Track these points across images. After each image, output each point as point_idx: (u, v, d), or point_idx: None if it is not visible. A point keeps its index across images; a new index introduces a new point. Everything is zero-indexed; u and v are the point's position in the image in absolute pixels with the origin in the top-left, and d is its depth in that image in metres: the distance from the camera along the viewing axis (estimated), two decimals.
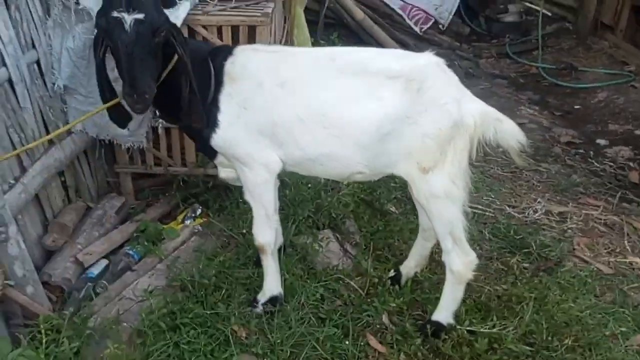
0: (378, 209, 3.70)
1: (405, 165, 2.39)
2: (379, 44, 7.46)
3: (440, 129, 2.29)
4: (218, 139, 2.41)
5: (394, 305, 2.84)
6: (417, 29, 7.42)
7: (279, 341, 2.50)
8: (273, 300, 2.71)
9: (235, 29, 3.10)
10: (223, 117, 2.37)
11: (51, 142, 3.05)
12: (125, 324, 2.52)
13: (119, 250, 3.06)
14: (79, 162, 3.37)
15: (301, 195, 3.49)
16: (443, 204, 2.42)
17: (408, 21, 7.43)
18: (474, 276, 3.04)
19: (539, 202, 4.01)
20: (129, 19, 1.95)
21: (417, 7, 7.46)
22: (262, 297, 2.71)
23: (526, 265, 3.28)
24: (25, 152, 2.79)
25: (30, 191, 2.75)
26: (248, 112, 2.35)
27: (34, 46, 2.92)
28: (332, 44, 7.57)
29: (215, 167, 2.78)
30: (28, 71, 2.85)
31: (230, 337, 2.46)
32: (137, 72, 2.01)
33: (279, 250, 2.98)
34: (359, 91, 2.30)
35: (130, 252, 3.00)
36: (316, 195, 3.53)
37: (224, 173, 2.66)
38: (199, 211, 3.43)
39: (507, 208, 3.94)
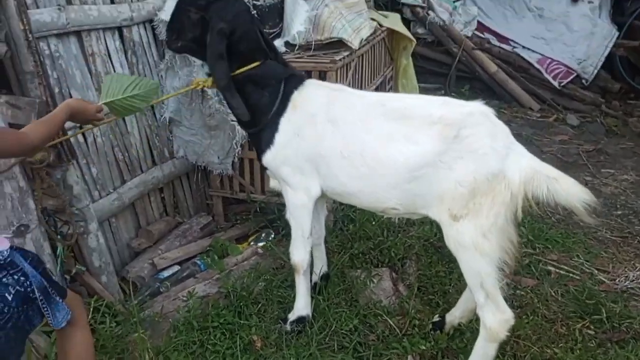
0: (447, 255, 3.64)
1: (437, 209, 2.39)
2: (513, 97, 7.28)
3: (475, 179, 2.25)
4: (269, 156, 2.63)
5: (424, 348, 2.80)
6: (555, 83, 7.07)
7: (294, 358, 2.64)
8: (300, 320, 2.86)
9: (308, 74, 3.44)
10: (279, 138, 2.59)
11: (154, 162, 3.65)
12: (171, 320, 2.88)
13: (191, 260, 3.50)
14: (180, 183, 3.95)
15: (363, 231, 3.61)
16: (471, 255, 2.35)
17: (546, 75, 7.13)
18: (525, 335, 2.90)
19: (639, 270, 3.56)
20: None
21: (557, 60, 7.14)
22: (292, 315, 2.88)
23: (592, 332, 2.96)
24: (127, 168, 3.40)
25: (125, 200, 3.33)
26: (299, 140, 2.57)
27: None
28: (463, 96, 7.57)
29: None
30: None
31: (249, 345, 2.67)
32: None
33: (322, 277, 3.15)
34: (396, 134, 2.39)
35: (198, 262, 3.41)
36: (380, 233, 3.63)
37: (273, 183, 2.90)
38: (271, 236, 3.75)
39: (597, 272, 3.57)
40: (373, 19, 4.36)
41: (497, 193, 2.26)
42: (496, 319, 2.41)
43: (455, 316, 2.95)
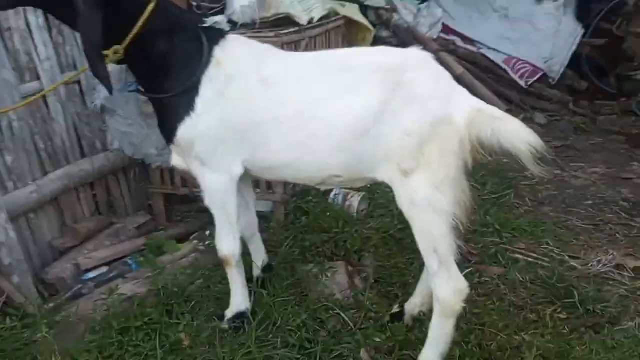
0: (409, 247, 3.35)
1: (386, 168, 2.16)
2: (481, 99, 7.11)
3: (422, 126, 2.04)
4: (188, 126, 2.21)
5: (379, 340, 2.49)
6: (522, 82, 6.94)
7: (229, 357, 2.30)
8: (239, 316, 2.53)
9: None
10: (201, 101, 2.20)
11: (83, 154, 3.32)
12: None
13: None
14: (116, 180, 3.60)
15: (318, 224, 3.31)
16: (425, 213, 2.11)
17: (512, 75, 6.99)
18: (491, 322, 2.61)
19: (611, 254, 3.31)
20: None
21: (522, 60, 7.02)
22: (230, 312, 2.56)
23: (563, 317, 2.68)
24: (49, 159, 3.06)
25: (45, 193, 2.99)
26: (225, 101, 2.20)
27: (75, 67, 3.26)
28: None
29: None
30: (66, 88, 3.18)
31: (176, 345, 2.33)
32: None
33: (264, 269, 2.82)
34: (338, 89, 2.15)
35: (129, 261, 3.07)
36: (336, 225, 3.33)
37: (176, 161, 2.48)
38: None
39: (569, 259, 3.31)
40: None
41: (445, 140, 2.06)
42: (449, 288, 2.16)
43: (415, 304, 2.68)
